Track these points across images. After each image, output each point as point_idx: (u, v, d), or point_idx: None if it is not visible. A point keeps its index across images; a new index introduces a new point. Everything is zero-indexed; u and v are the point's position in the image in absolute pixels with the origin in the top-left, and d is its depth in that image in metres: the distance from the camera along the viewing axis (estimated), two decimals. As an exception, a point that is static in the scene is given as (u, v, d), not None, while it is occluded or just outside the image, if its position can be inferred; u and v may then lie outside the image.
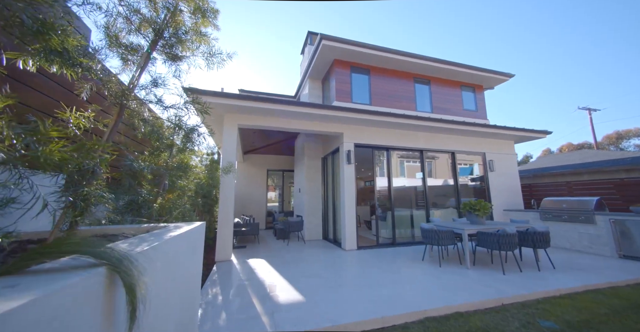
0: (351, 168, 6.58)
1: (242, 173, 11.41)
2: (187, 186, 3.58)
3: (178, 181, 3.01)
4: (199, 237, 2.29)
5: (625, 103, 70.62)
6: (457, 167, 7.72)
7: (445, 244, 4.70)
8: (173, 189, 2.96)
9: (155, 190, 2.70)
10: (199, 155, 5.07)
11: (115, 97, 1.77)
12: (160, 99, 2.13)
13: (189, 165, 3.05)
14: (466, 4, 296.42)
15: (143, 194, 2.49)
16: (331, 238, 7.57)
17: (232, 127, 5.80)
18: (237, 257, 5.63)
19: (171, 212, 3.10)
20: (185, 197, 3.46)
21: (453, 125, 7.00)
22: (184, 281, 1.80)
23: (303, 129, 6.40)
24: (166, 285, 1.40)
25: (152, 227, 1.96)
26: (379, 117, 6.34)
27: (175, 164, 2.89)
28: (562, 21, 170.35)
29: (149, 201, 2.60)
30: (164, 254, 1.39)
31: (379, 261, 5.14)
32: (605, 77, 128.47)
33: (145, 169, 2.25)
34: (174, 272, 1.55)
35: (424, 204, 7.33)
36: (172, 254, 1.55)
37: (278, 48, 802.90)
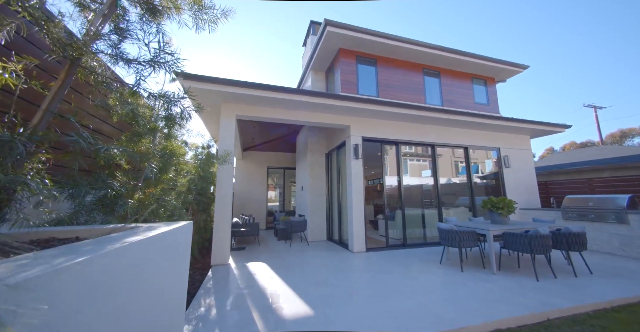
0: (359, 163, 6.09)
1: (241, 171, 10.92)
2: (176, 180, 3.09)
3: (161, 172, 2.51)
4: (182, 240, 1.80)
5: (626, 103, 70.22)
6: (470, 163, 7.22)
7: (466, 246, 4.21)
8: (157, 182, 2.47)
9: (133, 183, 2.21)
10: (193, 147, 4.59)
11: (60, 47, 1.28)
12: (133, 58, 1.64)
13: (175, 152, 2.55)
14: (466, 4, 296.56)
15: (115, 186, 2.00)
16: (336, 239, 7.09)
17: (230, 118, 5.31)
18: (235, 260, 5.15)
19: (157, 211, 2.60)
20: (173, 193, 2.96)
21: (466, 117, 6.51)
22: (156, 298, 1.31)
23: (307, 121, 5.91)
24: (117, 309, 0.90)
25: (118, 229, 1.47)
26: (388, 108, 5.85)
27: (159, 151, 2.40)
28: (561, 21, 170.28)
29: (124, 196, 2.11)
30: (116, 267, 0.91)
31: (391, 264, 4.65)
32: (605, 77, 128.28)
33: (109, 150, 1.74)
34: (136, 290, 1.07)
35: (435, 203, 6.85)
36: (135, 265, 1.06)
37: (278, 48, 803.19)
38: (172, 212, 3.18)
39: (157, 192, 2.42)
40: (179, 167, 3.32)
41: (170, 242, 1.59)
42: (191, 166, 4.56)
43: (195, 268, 4.73)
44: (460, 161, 7.36)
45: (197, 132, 3.10)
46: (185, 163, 2.72)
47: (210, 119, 6.14)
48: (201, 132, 3.13)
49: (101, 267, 0.83)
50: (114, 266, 0.91)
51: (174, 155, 2.49)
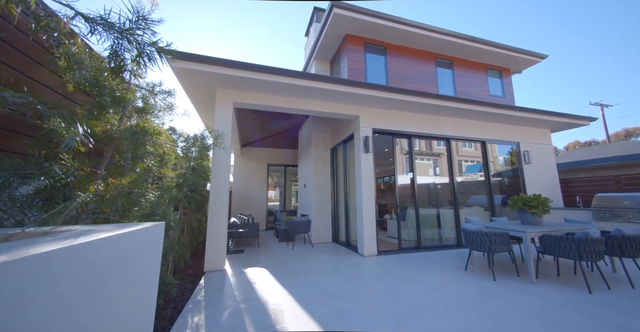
0: (369, 158, 5.52)
1: (240, 168, 10.35)
2: (156, 171, 2.51)
3: (133, 159, 1.94)
4: (147, 249, 1.22)
5: (628, 102, 69.82)
6: (488, 158, 6.66)
7: (499, 250, 3.64)
8: (122, 171, 1.89)
9: (88, 170, 1.63)
10: (183, 135, 4.01)
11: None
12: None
13: (149, 131, 1.97)
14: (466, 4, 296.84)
15: (56, 174, 1.42)
16: (343, 241, 6.52)
17: (226, 106, 4.73)
18: (232, 266, 4.57)
19: (129, 208, 2.03)
20: (152, 187, 2.37)
21: (485, 107, 5.95)
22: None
23: (312, 110, 5.33)
24: None
25: (15, 235, 0.90)
26: (401, 96, 5.28)
27: (127, 129, 1.82)
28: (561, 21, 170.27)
29: (73, 187, 1.53)
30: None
31: (410, 270, 4.08)
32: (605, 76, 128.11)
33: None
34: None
35: (446, 202, 6.28)
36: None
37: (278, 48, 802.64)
38: (152, 211, 2.60)
39: (125, 184, 1.85)
40: (164, 156, 2.74)
41: (122, 251, 1.02)
42: (180, 158, 3.98)
43: (187, 274, 4.16)
44: (464, 160, 6.80)
45: (183, 111, 2.50)
46: (166, 148, 2.14)
47: (205, 109, 5.56)
48: (187, 110, 2.53)
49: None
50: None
51: (148, 134, 1.91)
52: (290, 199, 11.93)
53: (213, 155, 4.46)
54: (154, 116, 2.06)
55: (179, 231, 4.02)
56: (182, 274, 4.12)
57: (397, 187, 5.83)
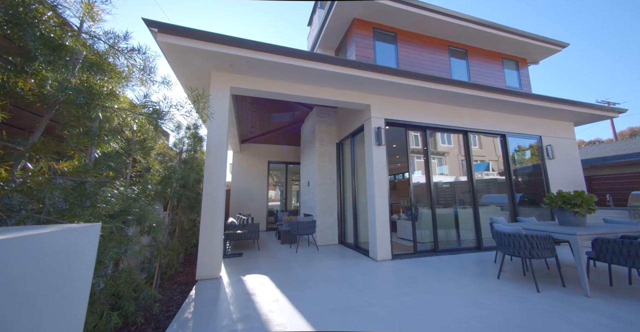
0: (382, 151, 4.97)
1: (239, 165, 9.81)
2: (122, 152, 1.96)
3: (68, 125, 1.39)
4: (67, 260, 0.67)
5: (631, 100, 69.36)
6: (509, 153, 6.11)
7: (541, 255, 3.10)
8: (64, 147, 1.34)
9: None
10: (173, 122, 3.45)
11: None
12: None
13: (98, 90, 1.40)
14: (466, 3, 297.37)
15: None
16: (350, 243, 5.97)
17: (223, 91, 4.19)
18: (228, 272, 4.03)
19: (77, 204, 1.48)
20: (110, 173, 1.81)
21: (508, 96, 5.41)
22: None
23: (319, 98, 4.78)
24: None
25: None
26: (417, 82, 4.74)
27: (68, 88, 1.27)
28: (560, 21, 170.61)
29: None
30: None
31: (433, 278, 3.54)
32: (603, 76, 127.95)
33: None
34: None
35: (462, 201, 5.75)
36: None
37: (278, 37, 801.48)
38: (125, 208, 2.06)
39: (72, 170, 1.30)
40: (132, 133, 2.20)
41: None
42: (168, 149, 3.44)
43: (176, 283, 3.61)
44: (474, 160, 6.25)
45: (163, 77, 1.96)
46: (128, 119, 1.59)
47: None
48: (167, 75, 1.98)
49: None
50: None
51: (97, 95, 1.35)
52: (290, 199, 11.39)
53: (207, 146, 3.91)
54: (116, 80, 1.50)
55: (167, 233, 3.48)
56: (170, 283, 3.58)
57: (411, 185, 5.28)
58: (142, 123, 1.70)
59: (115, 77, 1.49)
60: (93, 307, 1.84)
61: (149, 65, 1.71)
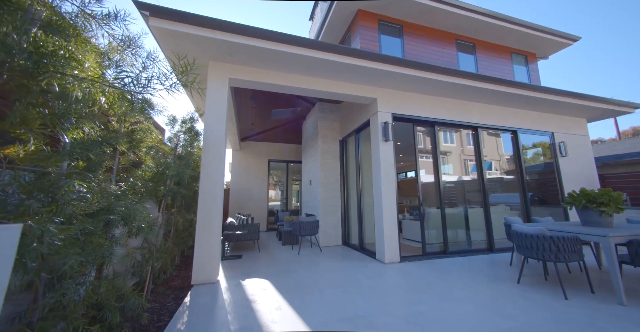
0: (389, 147, 4.71)
1: (238, 163, 9.55)
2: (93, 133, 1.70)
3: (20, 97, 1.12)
4: None
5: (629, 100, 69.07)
6: (520, 150, 5.85)
7: (568, 259, 2.84)
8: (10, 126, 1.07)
9: None
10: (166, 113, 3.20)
11: None
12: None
13: (53, 49, 1.12)
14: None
15: None
16: (355, 244, 5.71)
17: (221, 82, 3.92)
18: (227, 276, 3.76)
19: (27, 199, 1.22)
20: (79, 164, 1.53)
21: (521, 90, 5.15)
22: None
23: (322, 91, 4.52)
24: None
25: None
26: (426, 73, 4.48)
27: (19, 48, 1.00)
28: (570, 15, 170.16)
29: None
30: None
31: (448, 283, 3.27)
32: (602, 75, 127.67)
33: None
34: None
35: (469, 200, 5.50)
36: None
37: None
38: (107, 207, 1.80)
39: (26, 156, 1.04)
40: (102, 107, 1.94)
41: None
42: (161, 143, 3.18)
43: (170, 288, 3.35)
44: (470, 159, 5.99)
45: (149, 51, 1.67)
46: (93, 88, 1.30)
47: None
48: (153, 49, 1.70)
49: None
50: None
51: (51, 58, 1.08)
52: (291, 199, 11.13)
53: (204, 140, 3.65)
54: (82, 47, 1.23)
55: (162, 235, 3.21)
56: (164, 288, 3.32)
57: (419, 183, 5.02)
58: (114, 99, 1.39)
59: (82, 43, 1.21)
60: (67, 321, 1.58)
61: (129, 36, 1.44)
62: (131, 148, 2.49)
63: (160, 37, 3.33)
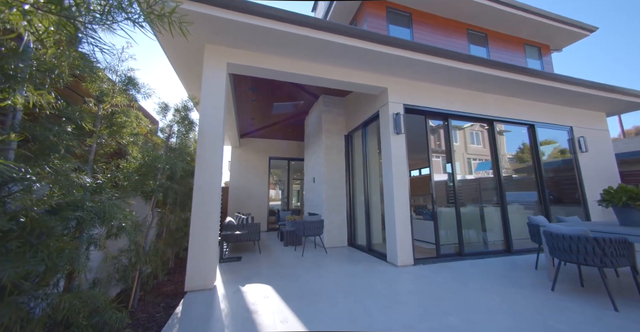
0: (401, 140, 4.36)
1: (238, 161, 9.18)
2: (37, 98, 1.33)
3: None
4: None
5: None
6: (538, 146, 5.50)
7: (616, 263, 2.48)
8: None
9: None
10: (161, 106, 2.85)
11: None
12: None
13: None
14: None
15: None
16: (362, 245, 5.36)
17: (218, 67, 3.56)
18: (225, 280, 3.40)
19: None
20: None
21: (542, 80, 4.80)
22: None
23: (330, 79, 4.16)
24: None
25: None
26: (442, 60, 4.12)
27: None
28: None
29: None
30: None
31: (473, 290, 2.92)
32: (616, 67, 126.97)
33: None
34: None
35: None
36: None
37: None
38: (73, 201, 1.43)
39: None
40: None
41: None
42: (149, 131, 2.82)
43: (161, 295, 2.99)
44: (473, 158, 5.64)
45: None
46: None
47: (192, 76, 4.37)
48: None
49: None
50: None
51: None
52: (292, 198, 10.78)
53: (200, 130, 3.28)
54: None
55: (155, 235, 2.85)
56: (154, 295, 2.95)
57: (432, 180, 4.66)
58: (47, 23, 0.94)
59: None
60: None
61: None
62: (112, 134, 2.13)
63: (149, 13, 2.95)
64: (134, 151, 2.52)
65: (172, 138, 3.35)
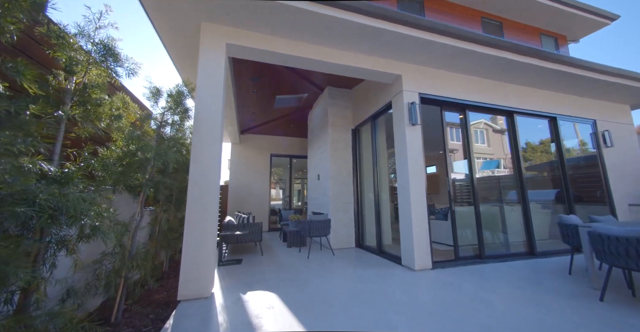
0: (417, 132, 3.98)
1: (238, 158, 8.82)
2: None
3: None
4: None
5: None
6: (561, 139, 5.12)
7: (682, 271, 2.11)
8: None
9: None
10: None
11: None
12: None
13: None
14: None
15: None
16: (371, 246, 4.99)
17: (217, 49, 3.18)
18: (224, 286, 3.03)
19: None
20: None
21: (572, 68, 4.43)
22: None
23: (338, 64, 3.78)
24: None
25: None
26: (463, 43, 3.75)
27: None
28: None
29: None
30: None
31: (506, 299, 2.54)
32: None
33: None
34: None
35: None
36: None
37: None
38: (19, 192, 1.06)
39: None
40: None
41: None
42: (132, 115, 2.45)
43: (152, 303, 2.62)
44: (477, 158, 5.23)
45: None
46: None
47: (186, 59, 3.98)
48: None
49: None
50: None
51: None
52: (293, 198, 10.41)
53: (195, 117, 2.91)
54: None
55: (135, 236, 2.47)
56: (142, 305, 2.58)
57: (449, 176, 4.29)
58: None
59: None
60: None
61: None
62: (86, 115, 1.75)
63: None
64: (118, 139, 2.15)
65: (166, 128, 2.98)
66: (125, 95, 2.51)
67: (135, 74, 2.13)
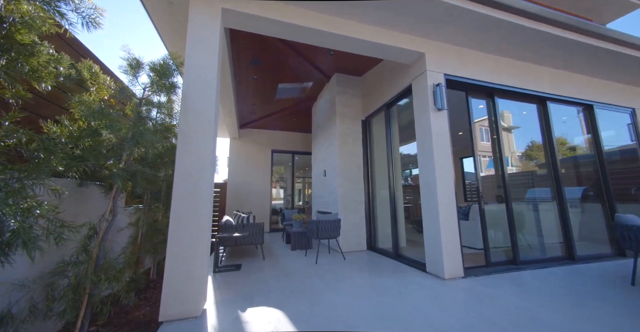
0: (443, 118, 3.45)
1: (237, 153, 8.28)
2: None
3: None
4: None
5: None
6: (599, 130, 4.58)
7: None
8: None
9: None
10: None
11: None
12: None
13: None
14: None
15: None
16: (386, 249, 4.47)
17: (211, 14, 2.65)
18: (219, 300, 2.50)
19: None
20: None
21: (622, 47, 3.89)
22: None
23: (352, 37, 3.23)
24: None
25: None
26: (498, 12, 3.20)
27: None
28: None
29: None
30: None
31: (574, 320, 2.01)
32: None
33: None
34: None
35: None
36: None
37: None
38: None
39: None
40: None
41: None
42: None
43: (129, 323, 2.09)
44: (483, 156, 4.72)
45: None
46: None
47: (175, 30, 3.42)
48: None
49: None
50: None
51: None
52: (295, 196, 9.89)
53: (183, 95, 2.38)
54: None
55: (104, 241, 1.94)
56: (115, 326, 2.04)
57: (477, 171, 3.75)
58: None
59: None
60: None
61: None
62: (12, 68, 1.21)
63: None
64: (74, 109, 1.61)
65: (150, 112, 2.44)
66: (94, 64, 1.98)
67: (98, 26, 1.59)
